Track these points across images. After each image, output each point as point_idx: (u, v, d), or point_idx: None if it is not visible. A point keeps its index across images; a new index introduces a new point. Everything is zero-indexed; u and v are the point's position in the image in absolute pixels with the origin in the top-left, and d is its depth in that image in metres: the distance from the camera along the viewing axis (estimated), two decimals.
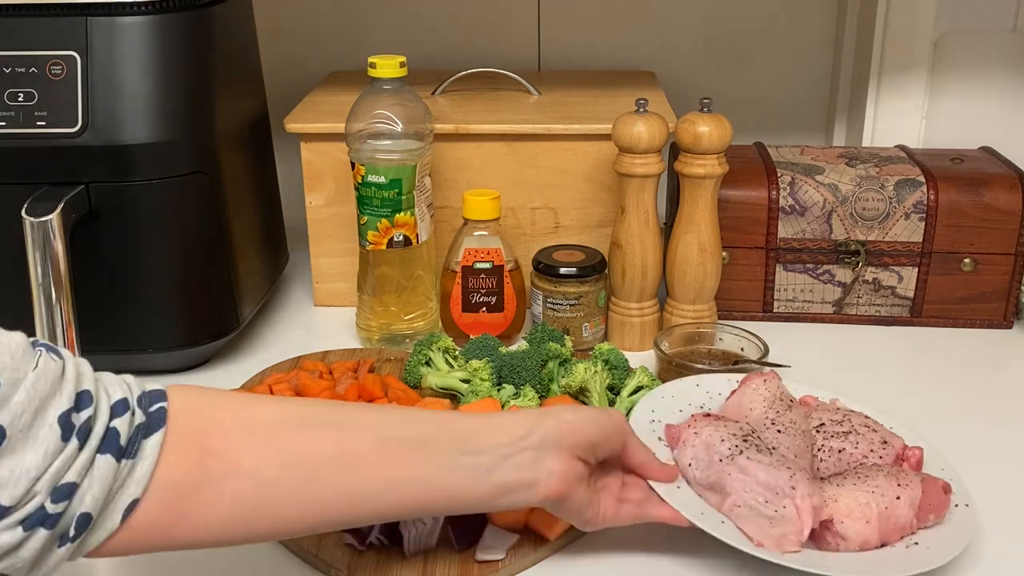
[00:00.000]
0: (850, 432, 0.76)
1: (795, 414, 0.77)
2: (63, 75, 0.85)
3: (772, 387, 0.79)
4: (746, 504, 0.68)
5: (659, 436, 0.77)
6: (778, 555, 0.66)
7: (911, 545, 0.69)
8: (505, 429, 0.63)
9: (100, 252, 0.88)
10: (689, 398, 0.82)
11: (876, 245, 1.03)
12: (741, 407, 0.79)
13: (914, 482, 0.70)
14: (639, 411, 0.80)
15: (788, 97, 1.34)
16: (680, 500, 0.70)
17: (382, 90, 0.95)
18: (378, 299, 1.00)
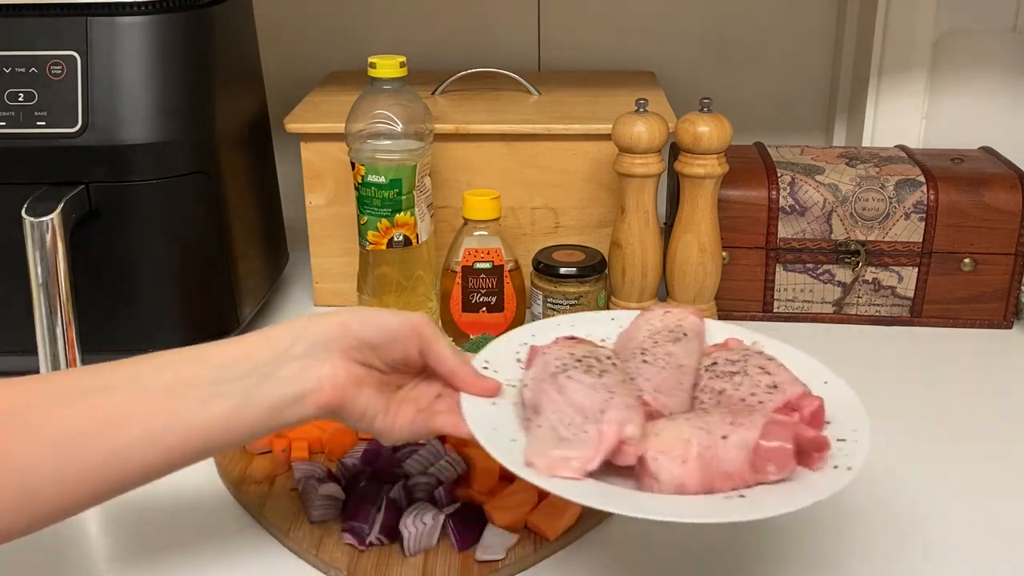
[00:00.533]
0: (737, 373, 0.68)
1: (678, 348, 0.70)
2: (63, 75, 0.86)
3: (669, 320, 0.73)
4: (548, 424, 0.62)
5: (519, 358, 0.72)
6: (543, 477, 0.58)
7: (732, 497, 0.58)
8: (269, 344, 0.61)
9: (100, 252, 0.88)
10: (604, 331, 0.76)
11: (876, 245, 1.03)
12: (628, 337, 0.74)
13: (753, 423, 0.59)
14: (517, 335, 0.75)
15: (788, 97, 1.34)
16: (482, 414, 0.64)
17: (382, 90, 0.95)
18: (378, 299, 1.00)
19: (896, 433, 0.86)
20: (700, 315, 0.75)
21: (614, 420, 0.60)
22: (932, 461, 0.82)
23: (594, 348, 0.70)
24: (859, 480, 0.79)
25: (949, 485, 0.79)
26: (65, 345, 0.84)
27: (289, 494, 0.76)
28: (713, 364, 0.70)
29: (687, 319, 0.74)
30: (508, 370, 0.70)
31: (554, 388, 0.63)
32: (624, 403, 0.61)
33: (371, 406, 0.64)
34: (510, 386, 0.68)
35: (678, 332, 0.72)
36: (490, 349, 0.72)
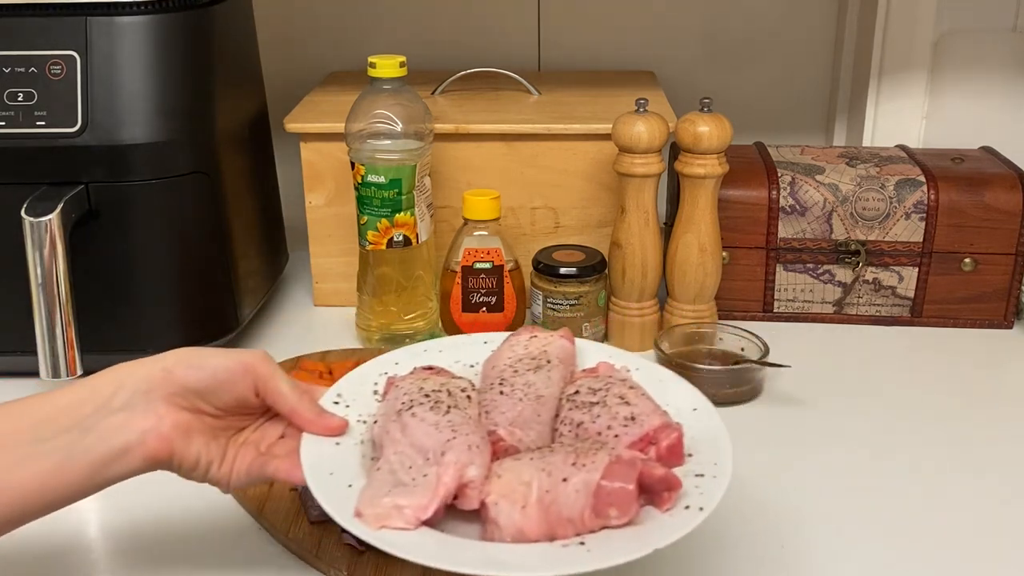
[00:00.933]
0: (597, 404, 0.64)
1: (539, 376, 0.67)
2: (63, 75, 0.85)
3: (534, 345, 0.70)
4: (388, 467, 0.59)
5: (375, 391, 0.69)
6: (369, 530, 0.54)
7: (571, 544, 0.54)
8: (92, 395, 0.58)
9: (100, 252, 0.88)
10: (475, 355, 0.73)
11: (876, 245, 1.03)
12: (490, 364, 0.70)
13: (596, 464, 0.56)
14: (377, 364, 0.72)
15: (788, 97, 1.34)
16: (320, 456, 0.61)
17: (382, 90, 0.95)
18: (378, 299, 1.00)
19: (896, 433, 0.86)
20: (570, 338, 0.72)
21: (453, 463, 0.57)
22: (932, 461, 0.82)
23: (449, 380, 0.66)
24: (859, 480, 0.80)
25: (949, 485, 0.79)
26: (65, 345, 0.84)
27: (289, 494, 0.76)
28: (575, 393, 0.66)
29: (553, 344, 0.70)
30: (363, 404, 0.66)
31: (397, 427, 0.60)
32: (467, 443, 0.58)
33: (205, 455, 0.60)
34: (361, 422, 0.64)
35: (541, 359, 0.68)
36: (346, 380, 0.69)
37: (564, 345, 0.71)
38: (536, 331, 0.72)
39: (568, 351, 0.71)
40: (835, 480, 0.80)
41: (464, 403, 0.63)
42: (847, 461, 0.82)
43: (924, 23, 1.21)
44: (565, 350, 0.71)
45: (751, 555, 0.71)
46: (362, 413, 0.66)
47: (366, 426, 0.65)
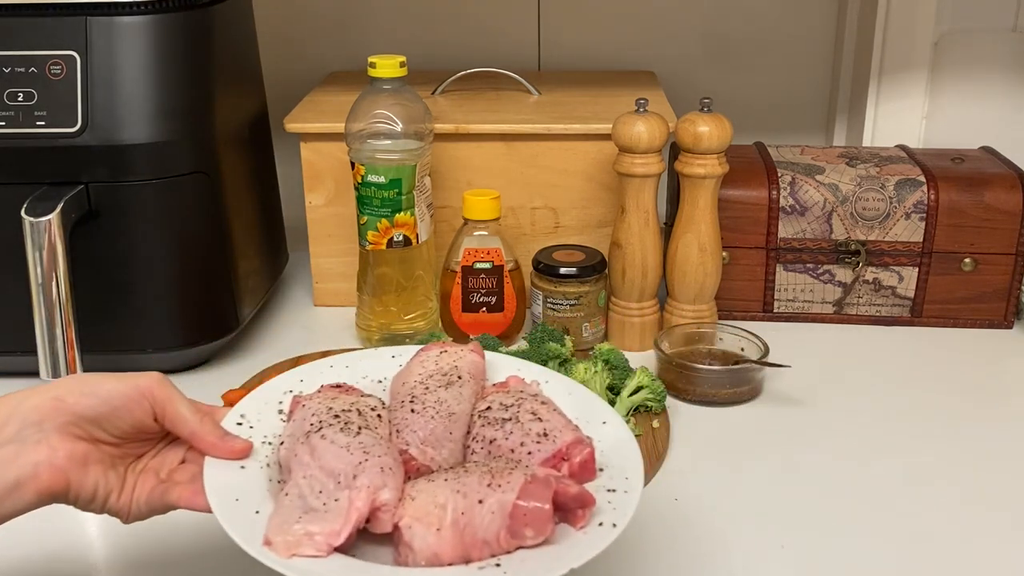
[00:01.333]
0: (509, 420, 0.63)
1: (450, 393, 0.65)
2: (63, 75, 0.85)
3: (444, 361, 0.68)
4: (297, 492, 0.57)
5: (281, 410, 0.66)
6: (280, 559, 0.53)
7: (487, 567, 0.54)
8: None
9: (100, 252, 0.88)
10: (383, 371, 0.71)
11: (876, 245, 1.03)
12: (400, 380, 0.68)
13: (511, 484, 0.55)
14: (281, 381, 0.69)
15: (788, 97, 1.34)
16: (225, 482, 0.58)
17: (382, 90, 0.95)
18: (378, 299, 1.00)
19: (896, 433, 0.86)
20: (480, 353, 0.71)
21: (365, 486, 0.55)
22: (932, 460, 0.82)
23: (358, 398, 0.64)
24: (859, 480, 0.80)
25: (949, 484, 0.79)
26: (65, 345, 0.84)
27: None
28: (487, 409, 0.65)
29: (464, 359, 0.69)
30: (268, 424, 0.64)
31: (306, 450, 0.58)
32: (380, 465, 0.56)
33: (103, 485, 0.57)
34: (267, 443, 0.62)
35: (452, 375, 0.67)
36: (249, 400, 0.66)
37: (474, 360, 0.69)
38: (446, 346, 0.70)
39: (478, 366, 0.69)
40: (835, 480, 0.80)
41: (375, 423, 0.62)
42: (847, 461, 0.82)
43: (924, 23, 1.21)
44: (475, 365, 0.69)
45: (751, 555, 0.71)
46: (267, 434, 0.63)
47: (271, 448, 0.62)
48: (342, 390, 0.66)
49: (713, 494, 0.78)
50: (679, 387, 0.91)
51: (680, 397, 0.91)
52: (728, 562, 0.70)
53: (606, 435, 0.64)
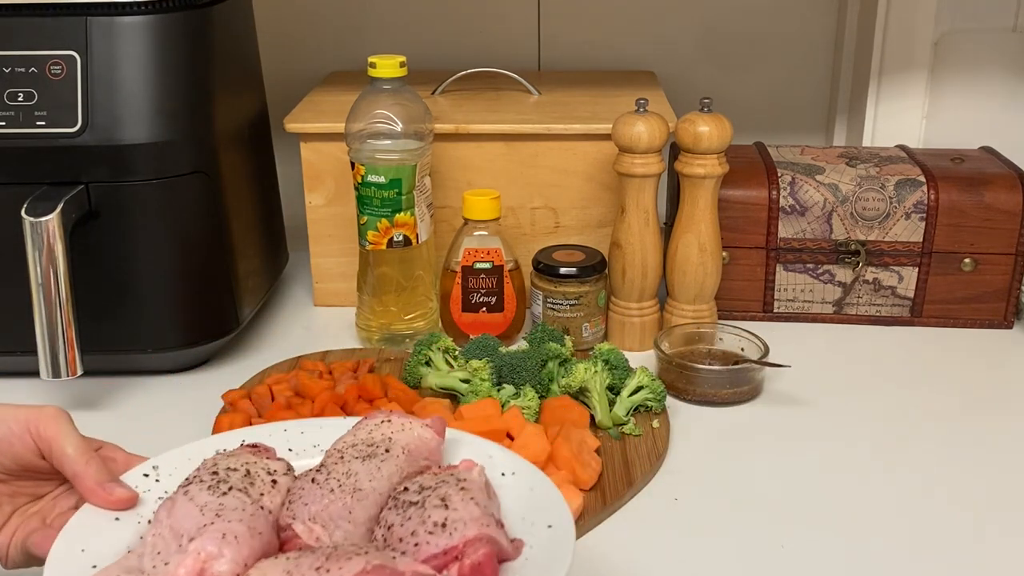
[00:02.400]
0: (416, 504, 0.55)
1: (365, 466, 0.58)
2: (63, 75, 0.85)
3: (379, 431, 0.62)
4: (140, 551, 0.53)
5: None
6: None
7: None
8: None
9: (100, 252, 0.88)
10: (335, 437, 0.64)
11: (876, 245, 1.03)
12: (333, 446, 0.62)
13: (343, 571, 0.49)
14: (223, 439, 0.64)
15: (788, 97, 1.34)
16: (82, 532, 0.54)
17: (382, 90, 0.95)
18: (378, 299, 1.00)
19: (896, 433, 0.86)
20: (439, 430, 0.63)
21: (195, 552, 0.50)
22: (932, 460, 0.82)
23: (261, 459, 0.59)
24: (859, 480, 0.80)
25: (949, 484, 0.79)
26: (65, 345, 0.84)
27: None
28: (404, 491, 0.57)
29: (406, 432, 0.61)
30: (178, 479, 0.59)
31: (167, 506, 0.53)
32: (223, 531, 0.51)
33: None
34: (163, 499, 0.57)
35: (379, 447, 0.59)
36: (174, 453, 0.62)
37: (421, 435, 0.62)
38: (394, 415, 0.63)
39: (426, 444, 0.61)
40: (835, 480, 0.80)
41: (262, 487, 0.56)
42: (847, 461, 0.82)
43: (924, 23, 1.21)
44: (421, 442, 0.61)
45: (751, 555, 0.71)
46: (169, 490, 0.59)
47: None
48: (257, 450, 0.61)
49: (713, 494, 0.78)
50: (679, 387, 0.91)
51: (680, 397, 0.91)
52: (728, 562, 0.70)
53: (545, 541, 0.55)
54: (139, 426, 0.88)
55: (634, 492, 0.78)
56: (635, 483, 0.78)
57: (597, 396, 0.85)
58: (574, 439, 0.78)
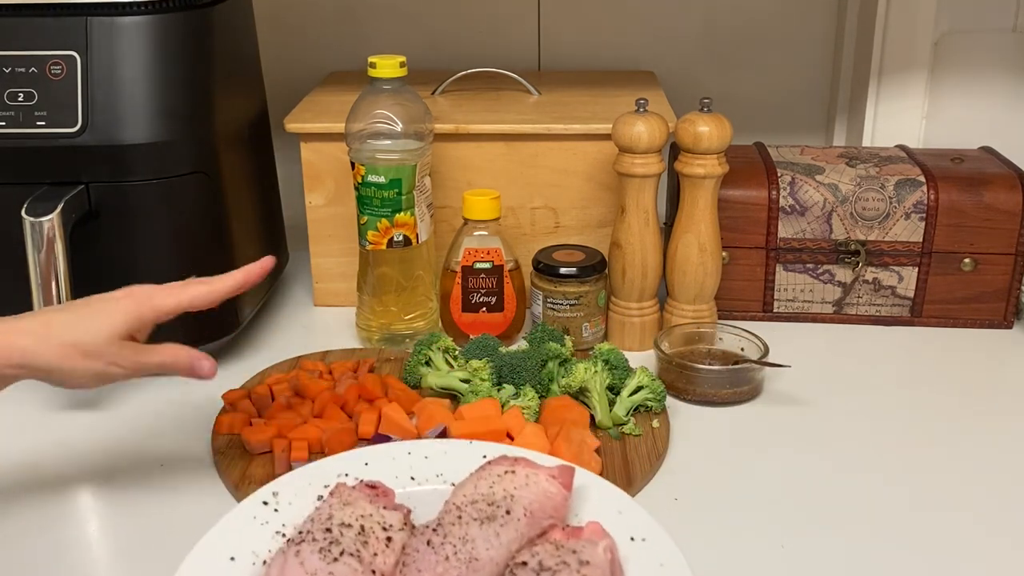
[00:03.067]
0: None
1: (483, 532, 0.55)
2: (63, 75, 0.85)
3: (500, 486, 0.58)
4: None
5: None
6: None
7: None
8: None
9: (100, 252, 0.88)
10: (464, 467, 0.62)
11: (876, 245, 1.03)
12: (455, 492, 0.60)
13: None
14: (337, 463, 0.64)
15: (788, 97, 1.34)
16: (208, 570, 0.56)
17: (382, 90, 0.95)
18: (378, 299, 1.00)
19: (896, 433, 0.86)
20: (565, 482, 0.59)
21: None
22: (932, 460, 0.82)
23: (378, 510, 0.57)
24: (859, 480, 0.80)
25: (949, 484, 0.79)
26: None
27: None
28: (522, 564, 0.53)
29: (531, 487, 0.57)
30: (297, 510, 0.59)
31: (278, 563, 0.53)
32: None
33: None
34: (279, 535, 0.57)
35: (499, 507, 0.56)
36: (295, 476, 0.61)
37: (547, 491, 0.58)
38: (520, 464, 0.59)
39: (550, 500, 0.58)
40: (835, 480, 0.80)
41: (374, 546, 0.54)
42: (847, 461, 0.82)
43: (924, 23, 1.21)
44: (545, 498, 0.57)
45: (751, 555, 0.71)
46: (286, 523, 0.58)
47: (281, 543, 0.57)
48: (376, 493, 0.59)
49: (713, 494, 0.78)
50: (679, 387, 0.91)
51: (680, 397, 0.91)
52: (728, 562, 0.70)
53: None
54: (139, 426, 0.88)
55: (634, 492, 0.78)
56: (635, 483, 0.78)
57: (597, 396, 0.85)
58: (574, 439, 0.78)
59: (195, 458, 0.83)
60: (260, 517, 0.60)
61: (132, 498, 0.77)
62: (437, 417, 0.81)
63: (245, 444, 0.81)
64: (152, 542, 0.72)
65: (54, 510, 0.76)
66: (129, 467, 0.82)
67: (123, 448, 0.85)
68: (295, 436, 0.81)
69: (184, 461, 0.82)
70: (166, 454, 0.83)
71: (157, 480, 0.80)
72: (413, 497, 0.63)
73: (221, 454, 0.81)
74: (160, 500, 0.77)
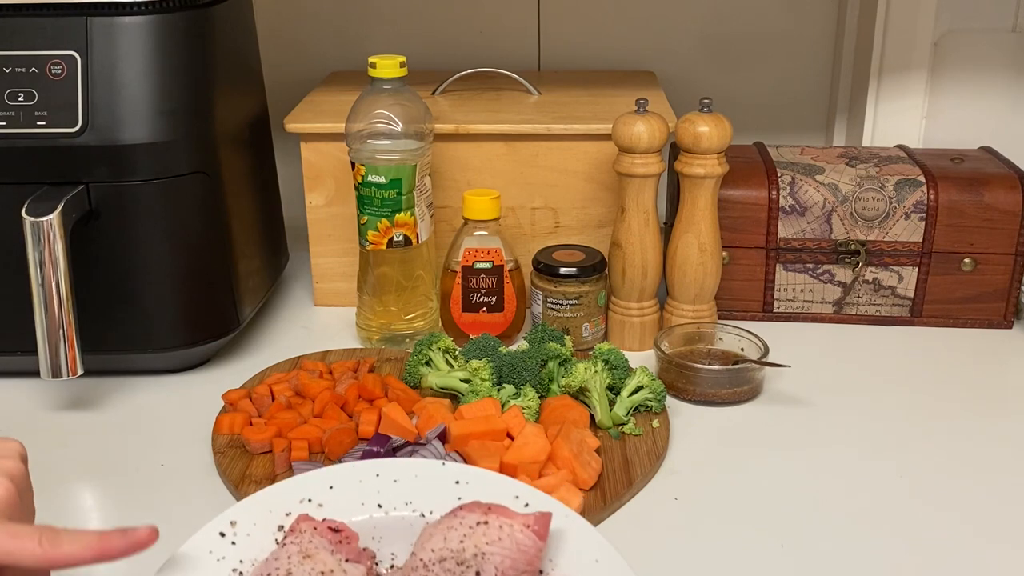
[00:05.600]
0: None
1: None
2: (63, 75, 0.85)
3: (472, 541, 0.55)
4: None
5: None
6: None
7: None
8: None
9: (100, 252, 0.88)
10: (437, 497, 0.59)
11: (876, 245, 1.03)
12: (420, 543, 0.57)
13: None
14: (294, 486, 0.60)
15: (788, 97, 1.34)
16: None
17: (382, 90, 0.95)
18: (378, 299, 1.00)
19: (896, 433, 0.86)
20: (540, 531, 0.55)
21: None
22: (932, 460, 0.82)
23: (342, 563, 0.54)
24: (858, 480, 0.80)
25: (949, 484, 0.79)
26: (65, 345, 0.84)
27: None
28: None
29: (504, 542, 0.54)
30: (255, 544, 0.55)
31: None
32: None
33: None
34: (235, 573, 0.53)
35: (468, 567, 0.53)
36: (252, 502, 0.57)
37: (520, 544, 0.54)
38: (492, 514, 0.55)
39: (523, 553, 0.54)
40: (835, 480, 0.80)
41: None
42: (847, 461, 0.82)
43: (924, 23, 1.21)
44: (519, 552, 0.54)
45: (751, 555, 0.71)
46: (243, 559, 0.55)
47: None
48: (339, 537, 0.56)
49: (713, 494, 0.78)
50: (679, 387, 0.91)
51: (680, 397, 0.91)
52: (728, 562, 0.70)
53: None
54: (139, 426, 0.88)
55: (634, 492, 0.78)
56: (635, 483, 0.78)
57: (597, 396, 0.85)
58: (574, 439, 0.78)
59: (195, 458, 0.83)
60: (216, 552, 0.55)
61: (132, 498, 0.77)
62: (437, 417, 0.81)
63: (245, 444, 0.81)
64: None
65: (54, 510, 0.76)
66: (129, 467, 0.82)
67: (123, 448, 0.85)
68: (295, 436, 0.81)
69: (184, 461, 0.82)
70: (166, 454, 0.83)
71: (157, 480, 0.80)
72: (380, 526, 0.59)
73: (221, 454, 0.81)
74: (160, 500, 0.77)
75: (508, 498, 0.59)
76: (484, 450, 0.76)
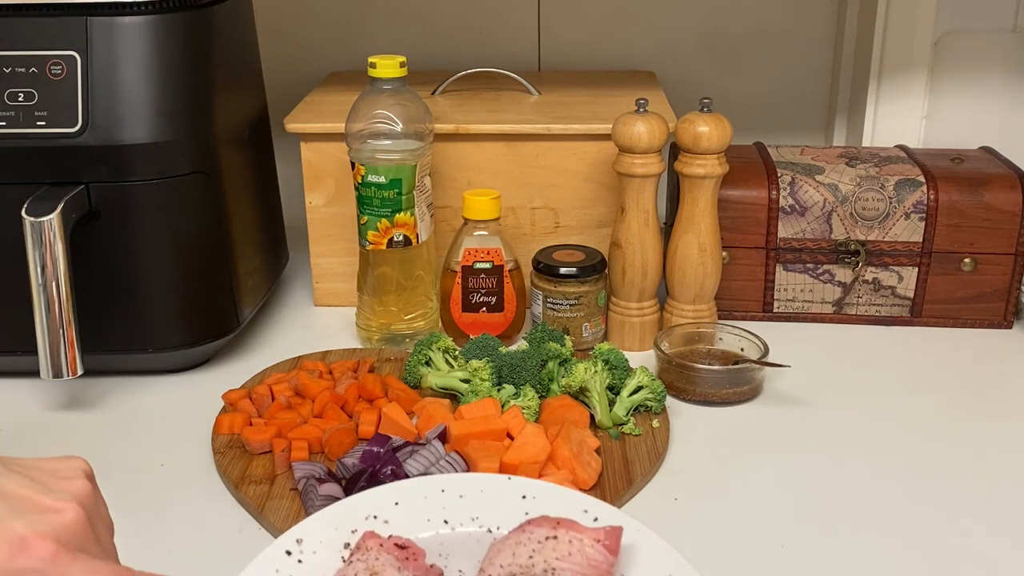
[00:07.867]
0: None
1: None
2: (63, 75, 0.85)
3: (541, 556, 0.54)
4: None
5: None
6: None
7: None
8: None
9: (100, 252, 0.88)
10: (502, 514, 0.59)
11: (876, 245, 1.03)
12: (488, 559, 0.56)
13: None
14: (365, 501, 0.59)
15: (788, 97, 1.34)
16: None
17: (382, 90, 0.95)
18: (378, 299, 1.00)
19: (896, 433, 0.86)
20: (611, 546, 0.55)
21: None
22: (932, 460, 0.82)
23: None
24: (858, 480, 0.80)
25: (949, 484, 0.79)
26: (65, 345, 0.84)
27: (289, 494, 0.76)
28: None
29: (574, 557, 0.53)
30: (321, 562, 0.55)
31: None
32: None
33: None
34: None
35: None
36: (318, 520, 0.57)
37: (591, 559, 0.53)
38: (561, 528, 0.54)
39: (595, 568, 0.53)
40: (835, 479, 0.80)
41: None
42: (847, 460, 0.82)
43: (924, 23, 1.21)
44: (589, 568, 0.53)
45: (751, 555, 0.71)
46: (317, 574, 0.54)
47: None
48: (405, 554, 0.56)
49: (713, 494, 0.78)
50: (679, 387, 0.91)
51: (680, 397, 0.91)
52: (728, 562, 0.70)
53: None
54: (139, 426, 0.88)
55: (634, 492, 0.78)
56: (635, 483, 0.78)
57: (597, 396, 0.85)
58: (574, 439, 0.78)
59: (195, 458, 0.83)
60: (283, 570, 0.55)
61: (132, 498, 0.77)
62: (437, 417, 0.81)
63: (245, 444, 0.81)
64: (152, 542, 0.72)
65: None
66: (129, 467, 0.82)
67: (123, 448, 0.85)
68: (295, 436, 0.81)
69: (184, 461, 0.82)
70: (166, 454, 0.83)
71: (157, 480, 0.80)
72: (446, 542, 0.59)
73: (221, 454, 0.81)
74: (160, 500, 0.77)
75: (577, 512, 0.58)
76: (484, 450, 0.76)
